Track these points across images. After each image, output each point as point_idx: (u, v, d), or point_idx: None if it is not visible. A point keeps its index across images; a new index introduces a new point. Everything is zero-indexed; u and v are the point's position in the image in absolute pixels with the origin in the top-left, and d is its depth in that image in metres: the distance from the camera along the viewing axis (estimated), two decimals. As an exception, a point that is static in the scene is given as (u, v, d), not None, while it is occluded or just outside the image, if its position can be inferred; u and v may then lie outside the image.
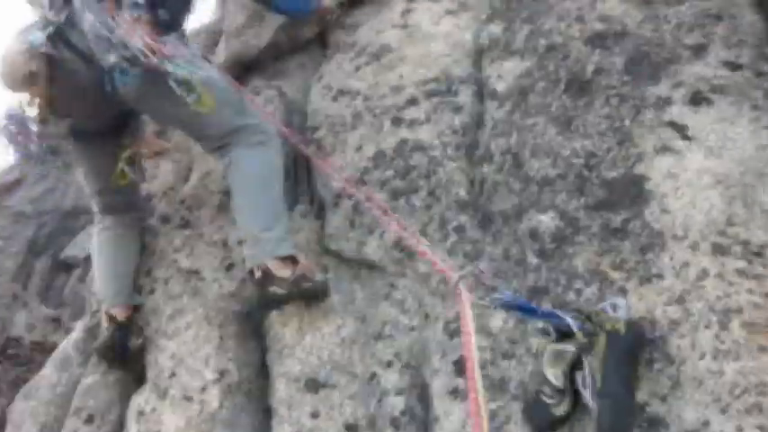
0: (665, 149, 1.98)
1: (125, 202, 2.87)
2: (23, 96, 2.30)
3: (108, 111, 2.55)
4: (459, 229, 2.28)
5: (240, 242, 2.63)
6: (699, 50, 2.14)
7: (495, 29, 2.70)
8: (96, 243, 2.87)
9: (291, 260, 2.36)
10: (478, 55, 2.70)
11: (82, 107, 2.49)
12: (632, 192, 1.97)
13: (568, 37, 2.38)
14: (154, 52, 2.15)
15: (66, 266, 6.06)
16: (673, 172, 1.93)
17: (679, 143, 1.97)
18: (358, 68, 2.94)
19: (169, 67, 2.18)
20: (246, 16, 3.43)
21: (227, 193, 2.74)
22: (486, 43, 2.70)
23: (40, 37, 2.19)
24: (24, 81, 2.23)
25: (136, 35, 2.16)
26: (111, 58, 2.17)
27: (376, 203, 2.32)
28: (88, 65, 2.29)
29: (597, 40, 2.31)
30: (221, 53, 3.55)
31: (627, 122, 2.08)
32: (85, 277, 4.16)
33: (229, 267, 2.70)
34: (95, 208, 2.87)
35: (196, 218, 2.91)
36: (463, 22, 2.86)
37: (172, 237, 2.90)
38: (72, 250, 5.98)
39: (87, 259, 5.45)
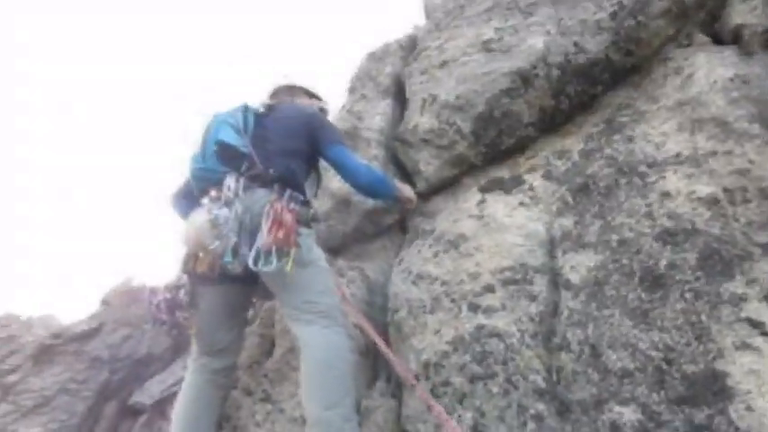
0: (744, 346, 2.00)
1: (229, 344, 3.01)
2: (197, 254, 2.74)
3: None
4: (538, 417, 2.29)
5: (304, 421, 2.65)
6: (770, 248, 2.21)
7: (567, 222, 2.85)
8: (187, 383, 2.97)
9: None
10: (551, 246, 2.84)
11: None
12: (714, 387, 1.97)
13: (639, 233, 2.51)
14: (286, 243, 2.59)
15: (134, 412, 6.17)
16: (755, 369, 1.94)
17: (758, 340, 2.00)
18: (436, 255, 3.12)
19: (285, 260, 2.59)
20: (334, 203, 3.75)
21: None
22: (558, 235, 2.84)
23: (225, 213, 2.65)
24: (205, 244, 2.65)
25: (280, 229, 2.60)
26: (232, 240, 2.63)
27: (437, 410, 2.38)
28: None
29: (668, 237, 2.42)
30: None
31: (703, 317, 2.13)
32: (151, 425, 4.23)
33: (310, 445, 2.72)
34: (196, 347, 3.01)
35: (278, 393, 2.99)
36: (535, 214, 3.03)
37: (253, 410, 2.98)
38: (140, 397, 6.12)
39: (154, 406, 5.57)
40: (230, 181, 2.78)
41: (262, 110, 3.09)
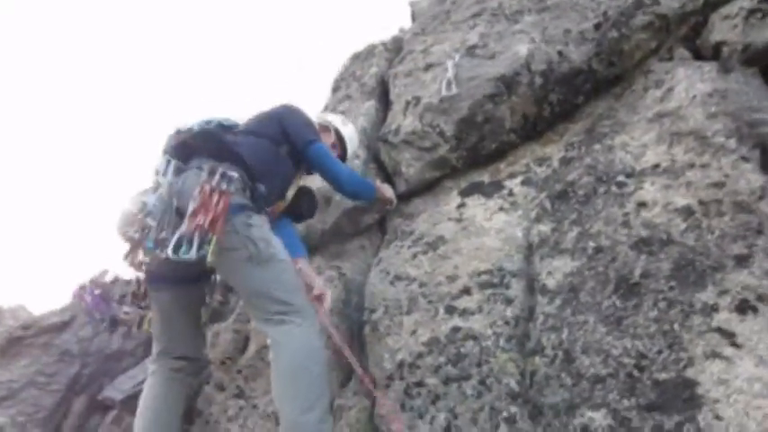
0: (714, 355, 2.04)
1: (185, 344, 2.89)
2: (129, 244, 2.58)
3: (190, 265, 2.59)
4: (510, 420, 2.31)
5: (279, 424, 2.52)
6: (742, 260, 2.24)
7: (545, 228, 2.88)
8: (148, 384, 2.86)
9: None
10: (529, 251, 2.86)
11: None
12: (684, 395, 2.00)
13: (615, 241, 2.54)
14: (211, 229, 2.38)
15: (103, 407, 6.10)
16: (723, 378, 1.97)
17: (728, 350, 2.03)
18: (415, 256, 3.13)
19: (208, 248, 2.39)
20: (314, 201, 3.74)
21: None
22: (535, 240, 2.87)
23: (153, 199, 2.50)
24: (135, 233, 2.49)
25: (203, 213, 2.40)
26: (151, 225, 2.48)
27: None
28: None
29: (643, 246, 2.46)
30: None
31: (676, 326, 2.16)
32: (120, 421, 4.19)
33: (282, 442, 2.69)
34: (154, 348, 2.91)
35: (251, 389, 2.98)
36: (514, 219, 3.05)
37: (226, 406, 2.96)
38: (110, 392, 6.04)
39: (124, 402, 5.51)
40: (162, 163, 2.63)
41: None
